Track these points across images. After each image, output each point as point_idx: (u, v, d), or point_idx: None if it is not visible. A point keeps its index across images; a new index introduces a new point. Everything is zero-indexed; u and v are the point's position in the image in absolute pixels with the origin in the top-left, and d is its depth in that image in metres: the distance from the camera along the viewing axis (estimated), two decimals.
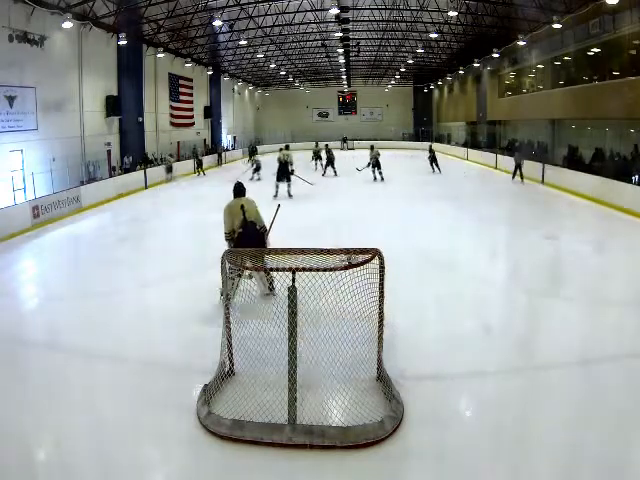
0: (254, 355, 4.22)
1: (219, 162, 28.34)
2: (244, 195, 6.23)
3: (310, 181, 15.70)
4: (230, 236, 6.01)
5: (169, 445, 3.56)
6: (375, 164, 18.22)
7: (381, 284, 4.12)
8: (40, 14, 14.63)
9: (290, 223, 8.42)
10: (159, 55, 22.62)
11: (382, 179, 18.12)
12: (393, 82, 42.60)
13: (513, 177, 18.19)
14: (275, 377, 3.94)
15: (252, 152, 26.60)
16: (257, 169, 20.05)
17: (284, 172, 14.37)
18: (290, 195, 14.26)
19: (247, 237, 5.81)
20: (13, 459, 3.42)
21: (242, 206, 5.96)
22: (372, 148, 18.83)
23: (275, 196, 13.61)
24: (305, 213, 12.18)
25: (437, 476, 3.23)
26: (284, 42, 28.23)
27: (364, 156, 23.46)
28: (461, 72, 31.81)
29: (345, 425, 3.55)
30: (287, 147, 16.38)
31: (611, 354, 4.71)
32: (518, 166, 17.84)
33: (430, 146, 22.61)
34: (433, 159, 21.20)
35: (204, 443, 3.50)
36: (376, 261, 3.98)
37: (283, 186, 14.27)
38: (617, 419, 3.67)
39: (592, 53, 17.45)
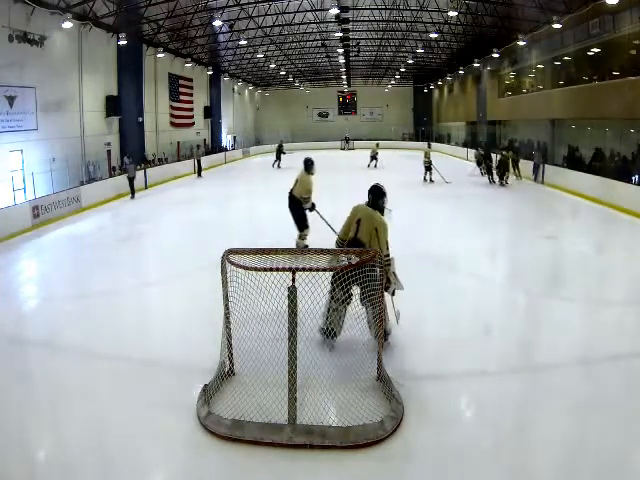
0: (254, 355, 4.21)
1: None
2: (378, 205, 4.79)
3: None
4: (340, 244, 4.95)
5: (169, 445, 3.56)
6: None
7: (381, 284, 4.12)
8: (40, 14, 14.62)
9: (289, 220, 8.41)
10: (159, 55, 22.60)
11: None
12: (393, 82, 42.57)
13: (535, 179, 17.63)
14: (275, 377, 3.93)
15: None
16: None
17: None
18: None
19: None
20: (13, 459, 3.41)
21: (359, 221, 4.72)
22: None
23: None
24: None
25: (437, 476, 3.23)
26: (284, 42, 28.22)
27: (366, 156, 23.57)
28: (461, 72, 31.78)
29: (345, 425, 3.55)
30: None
31: (611, 354, 4.71)
32: (536, 167, 17.62)
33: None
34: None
35: (204, 443, 3.50)
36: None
37: None
38: (617, 419, 3.67)
39: (592, 53, 17.41)
